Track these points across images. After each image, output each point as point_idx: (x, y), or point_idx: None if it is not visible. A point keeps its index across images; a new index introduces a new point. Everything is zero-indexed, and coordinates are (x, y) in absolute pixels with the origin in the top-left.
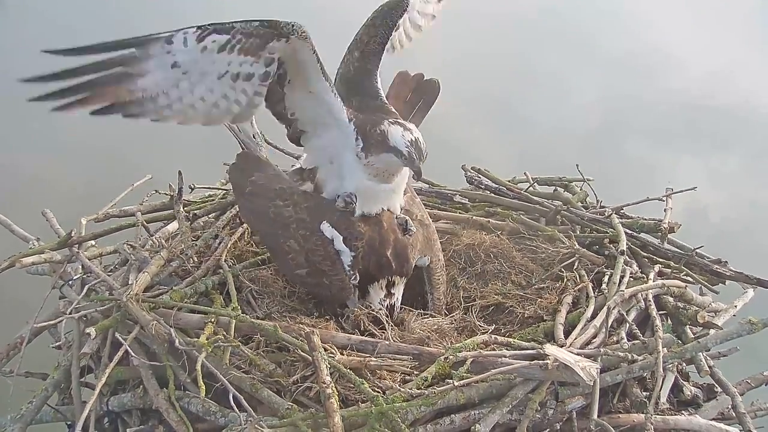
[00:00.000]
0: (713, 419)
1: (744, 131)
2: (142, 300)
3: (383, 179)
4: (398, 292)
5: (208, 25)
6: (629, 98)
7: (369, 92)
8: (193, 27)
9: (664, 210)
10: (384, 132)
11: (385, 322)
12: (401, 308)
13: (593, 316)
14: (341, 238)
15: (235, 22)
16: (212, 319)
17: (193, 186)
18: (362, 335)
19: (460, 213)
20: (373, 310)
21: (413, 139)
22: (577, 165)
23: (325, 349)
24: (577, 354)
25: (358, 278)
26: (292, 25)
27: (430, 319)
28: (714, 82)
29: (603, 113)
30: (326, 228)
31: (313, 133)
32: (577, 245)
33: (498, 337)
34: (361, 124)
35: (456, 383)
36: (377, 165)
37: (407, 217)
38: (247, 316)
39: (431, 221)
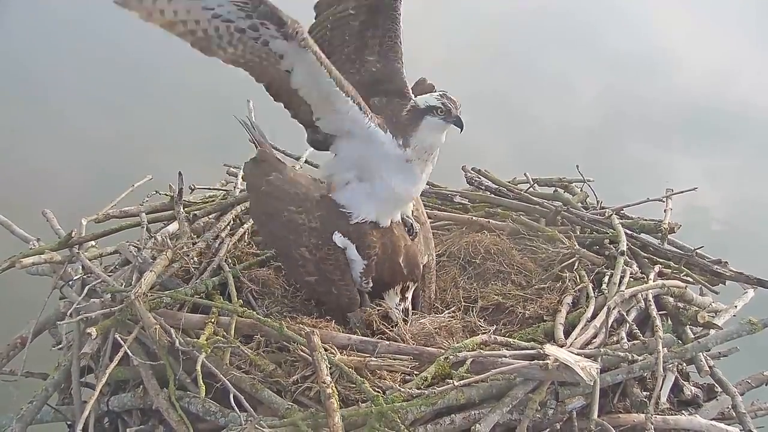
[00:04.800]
0: (713, 419)
1: (745, 131)
2: (150, 300)
3: (424, 166)
4: (410, 296)
5: None
6: (630, 97)
7: (397, 93)
8: None
9: (664, 211)
10: (413, 107)
11: (398, 321)
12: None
13: (593, 317)
14: (354, 247)
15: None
16: (212, 320)
17: (193, 187)
18: (374, 334)
19: (460, 214)
20: (386, 309)
21: (442, 93)
22: (577, 166)
23: (326, 349)
24: (578, 354)
25: (371, 285)
26: (296, 31)
27: (438, 316)
28: (715, 82)
29: (604, 112)
30: (338, 238)
31: (342, 141)
32: (577, 246)
33: (498, 337)
34: (391, 124)
35: (456, 383)
36: (419, 145)
37: (413, 220)
38: (253, 312)
39: (426, 218)
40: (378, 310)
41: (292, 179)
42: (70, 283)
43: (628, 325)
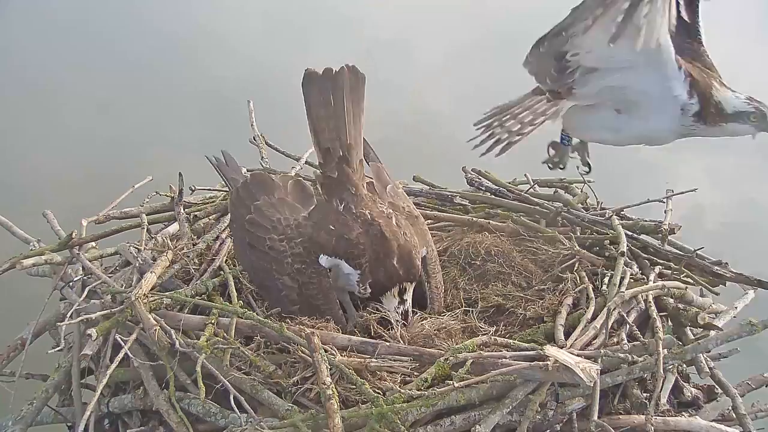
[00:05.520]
0: (713, 420)
1: None
2: (151, 301)
3: (689, 131)
4: (409, 297)
5: None
6: None
7: (689, 32)
8: None
9: (665, 211)
10: (718, 102)
11: (395, 323)
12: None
13: (593, 318)
14: (344, 261)
15: None
16: (213, 321)
17: (193, 188)
18: (371, 338)
19: (460, 215)
20: (385, 314)
21: (749, 97)
22: (577, 167)
23: (326, 350)
24: (578, 355)
25: (369, 291)
26: None
27: (437, 318)
28: None
29: None
30: (325, 260)
31: (605, 73)
32: (577, 246)
33: (498, 338)
34: (693, 79)
35: (456, 384)
36: (700, 131)
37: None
38: (253, 313)
39: (418, 211)
40: (374, 314)
41: (279, 201)
42: (71, 284)
43: (628, 326)
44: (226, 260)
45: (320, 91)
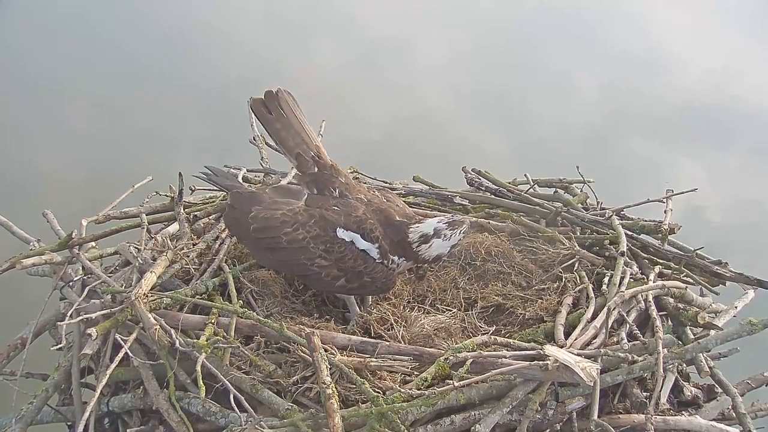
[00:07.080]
0: (713, 420)
1: (746, 130)
2: (151, 301)
3: None
4: (432, 221)
5: None
6: (631, 96)
7: None
8: None
9: (665, 211)
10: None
11: (459, 235)
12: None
13: (593, 317)
14: (359, 236)
15: None
16: (212, 320)
17: (193, 188)
18: (371, 337)
19: (460, 215)
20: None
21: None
22: (577, 167)
23: (326, 350)
24: (578, 355)
25: (394, 262)
26: None
27: (437, 317)
28: (716, 80)
29: (604, 111)
30: (342, 232)
31: None
32: (577, 246)
33: (498, 337)
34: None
35: (456, 384)
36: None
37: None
38: (253, 312)
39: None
40: (376, 317)
41: (272, 202)
42: (71, 283)
43: (628, 325)
44: (226, 260)
45: (270, 110)
